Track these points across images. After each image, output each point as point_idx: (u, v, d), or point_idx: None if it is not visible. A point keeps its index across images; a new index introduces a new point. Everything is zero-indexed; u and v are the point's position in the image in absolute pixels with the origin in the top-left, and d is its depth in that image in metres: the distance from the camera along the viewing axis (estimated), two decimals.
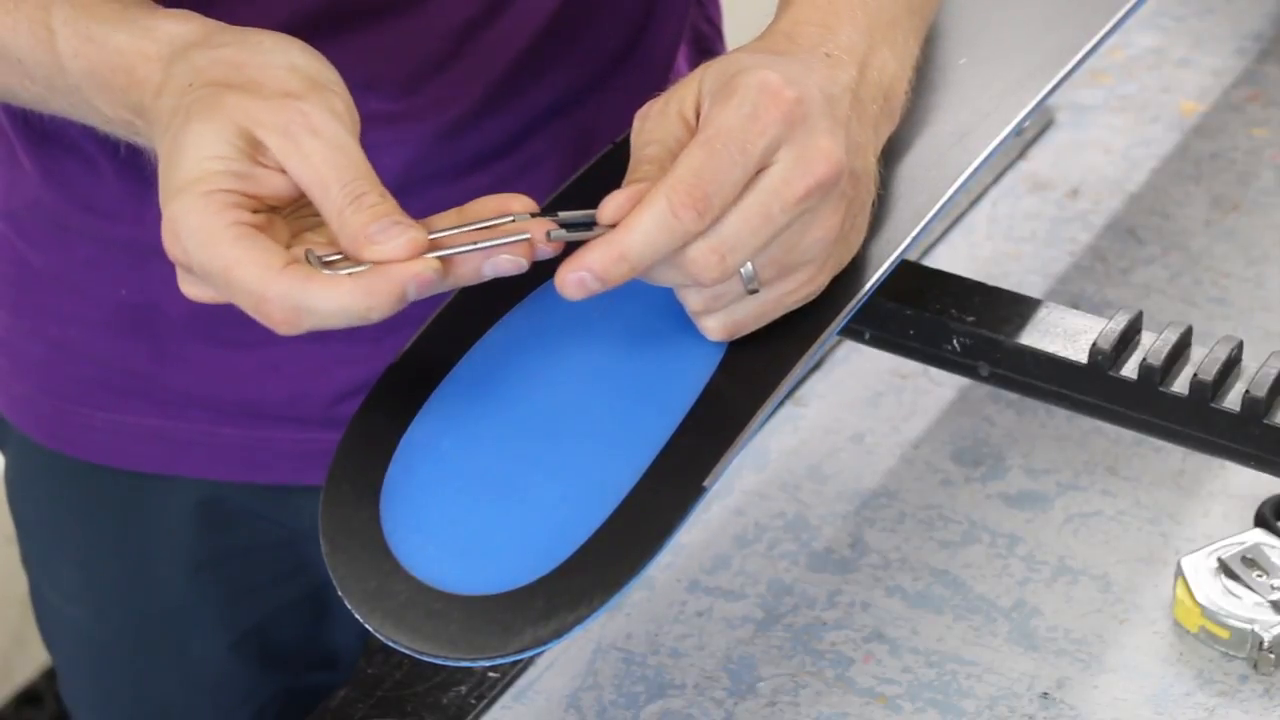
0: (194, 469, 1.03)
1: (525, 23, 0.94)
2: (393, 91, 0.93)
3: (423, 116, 0.94)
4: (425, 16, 0.92)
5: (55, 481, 1.08)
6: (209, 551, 1.07)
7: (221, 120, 0.71)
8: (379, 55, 0.92)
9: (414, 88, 0.93)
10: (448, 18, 0.92)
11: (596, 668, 0.96)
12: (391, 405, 0.77)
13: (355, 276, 0.69)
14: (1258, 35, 1.46)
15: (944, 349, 0.92)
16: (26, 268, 1.02)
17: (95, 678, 1.14)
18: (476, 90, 0.94)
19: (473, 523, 0.72)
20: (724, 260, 0.74)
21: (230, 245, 0.69)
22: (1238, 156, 1.32)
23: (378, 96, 0.92)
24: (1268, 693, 0.92)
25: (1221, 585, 0.94)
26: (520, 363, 0.78)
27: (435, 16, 0.92)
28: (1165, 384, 0.87)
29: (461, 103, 0.94)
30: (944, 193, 0.88)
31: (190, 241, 0.70)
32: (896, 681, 0.94)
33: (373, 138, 0.92)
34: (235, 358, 1.00)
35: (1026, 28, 1.02)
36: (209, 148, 0.71)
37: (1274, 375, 0.86)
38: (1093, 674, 0.94)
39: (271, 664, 1.11)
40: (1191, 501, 1.03)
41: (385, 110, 0.92)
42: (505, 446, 0.75)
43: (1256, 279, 1.19)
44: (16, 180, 1.00)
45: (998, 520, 1.03)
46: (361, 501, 0.73)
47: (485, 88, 0.95)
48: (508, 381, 0.77)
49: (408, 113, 0.93)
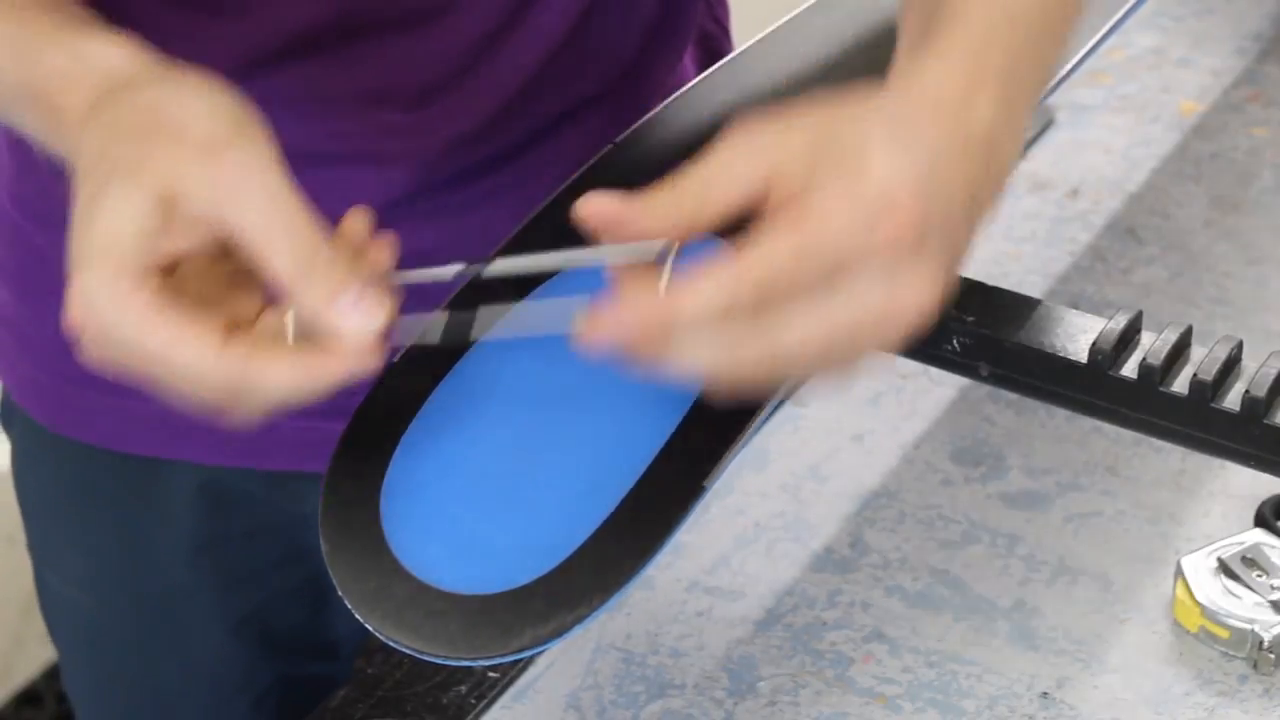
0: (196, 454, 1.03)
1: (541, 37, 0.93)
2: (405, 103, 0.92)
3: (434, 128, 0.93)
4: (440, 30, 0.91)
5: (59, 465, 1.08)
6: (209, 535, 1.07)
7: (142, 183, 0.68)
8: (393, 67, 0.91)
9: (427, 100, 0.93)
10: (463, 32, 0.91)
11: (596, 668, 0.96)
12: (392, 405, 0.77)
13: (311, 353, 0.66)
14: (1258, 35, 1.46)
15: (944, 349, 0.92)
16: (35, 251, 1.02)
17: (96, 663, 1.15)
18: (490, 103, 0.94)
19: (473, 522, 0.72)
20: (771, 366, 0.66)
21: (158, 327, 0.66)
22: (1238, 156, 1.32)
23: (390, 108, 0.92)
24: (1268, 693, 0.92)
25: (1221, 585, 0.94)
26: (521, 362, 0.78)
27: (450, 30, 0.91)
28: (1165, 384, 0.87)
29: (474, 115, 0.94)
30: None
31: (107, 319, 0.67)
32: (896, 681, 0.94)
33: (384, 147, 0.92)
34: None
35: None
36: (126, 216, 0.67)
37: (1274, 375, 0.86)
38: (1093, 674, 0.94)
39: (271, 650, 1.11)
40: (1191, 501, 1.03)
41: (397, 122, 0.92)
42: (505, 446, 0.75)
43: (1256, 279, 1.20)
44: (25, 164, 1.00)
45: (998, 520, 1.03)
46: (361, 501, 0.73)
47: (499, 101, 0.94)
48: (508, 381, 0.77)
49: (419, 125, 0.93)
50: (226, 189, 0.68)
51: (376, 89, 0.91)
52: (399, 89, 0.92)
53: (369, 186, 0.93)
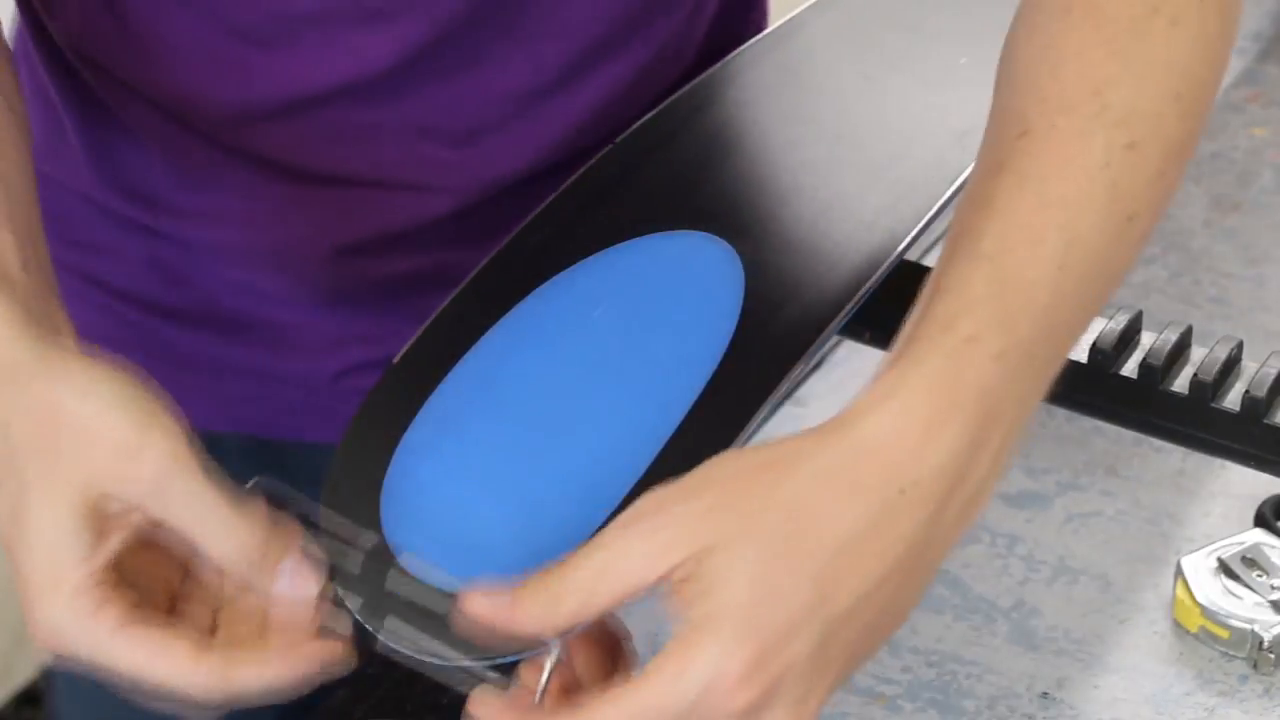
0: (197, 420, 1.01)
1: (589, 97, 0.93)
2: (451, 141, 0.92)
3: (477, 167, 0.93)
4: (490, 77, 0.90)
5: None
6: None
7: (62, 499, 0.66)
8: (441, 107, 0.90)
9: (474, 139, 0.92)
10: (510, 82, 0.91)
11: None
12: (392, 405, 0.77)
13: (284, 650, 0.68)
14: (1257, 35, 1.46)
15: None
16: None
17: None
18: (532, 151, 0.93)
19: (473, 523, 0.72)
20: None
21: (131, 649, 0.66)
22: (1238, 156, 1.32)
23: (435, 143, 0.91)
24: (1268, 693, 0.92)
25: (1221, 585, 0.94)
26: (520, 362, 0.78)
27: (500, 78, 0.90)
28: (1165, 384, 0.87)
29: (516, 160, 0.93)
30: (944, 193, 0.88)
31: (79, 645, 0.67)
32: (896, 681, 0.94)
33: (425, 179, 0.91)
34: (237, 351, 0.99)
35: None
36: (60, 536, 0.66)
37: (1274, 375, 0.86)
38: (1093, 674, 0.94)
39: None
40: (1191, 501, 1.03)
41: (442, 157, 0.92)
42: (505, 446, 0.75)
43: (1256, 279, 1.20)
44: (62, 154, 0.99)
45: (998, 520, 1.03)
46: (362, 501, 0.73)
47: (541, 150, 0.93)
48: (507, 381, 0.77)
49: (463, 162, 0.92)
50: (150, 491, 0.67)
51: (423, 125, 0.91)
52: (445, 127, 0.91)
53: (407, 208, 0.93)
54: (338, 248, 0.95)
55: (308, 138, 0.91)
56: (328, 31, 0.87)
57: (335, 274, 0.96)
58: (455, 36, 0.88)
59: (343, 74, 0.88)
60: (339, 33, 0.87)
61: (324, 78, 0.89)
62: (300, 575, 0.69)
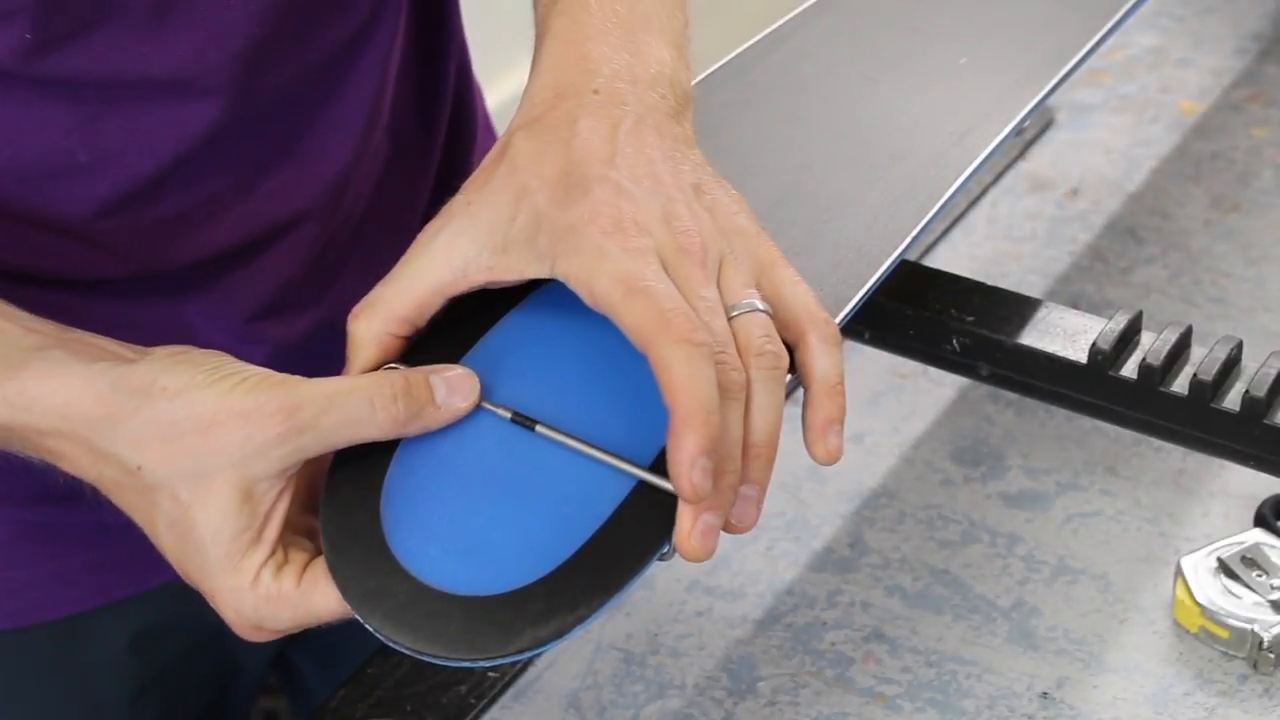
0: (126, 586, 1.00)
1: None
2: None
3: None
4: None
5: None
6: (146, 678, 1.05)
7: (220, 495, 0.71)
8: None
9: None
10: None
11: (596, 668, 0.96)
12: None
13: None
14: (1257, 35, 1.46)
15: (944, 349, 0.93)
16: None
17: None
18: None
19: (473, 523, 0.72)
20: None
21: (325, 598, 0.72)
22: (1238, 156, 1.32)
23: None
24: (1268, 693, 0.92)
25: (1221, 585, 0.94)
26: (520, 363, 0.77)
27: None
28: (1165, 384, 0.87)
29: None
30: (944, 192, 0.88)
31: (281, 623, 0.73)
32: (896, 681, 0.94)
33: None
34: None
35: (1026, 28, 1.02)
36: (227, 533, 0.71)
37: (1274, 375, 0.86)
38: (1093, 674, 0.94)
39: None
40: (1191, 501, 1.03)
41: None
42: (506, 446, 0.75)
43: (1256, 279, 1.20)
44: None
45: (998, 520, 1.03)
46: (361, 501, 0.73)
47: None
48: (507, 382, 0.77)
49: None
50: (294, 440, 0.71)
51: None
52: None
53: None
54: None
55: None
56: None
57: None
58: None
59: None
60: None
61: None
62: (455, 383, 0.73)
